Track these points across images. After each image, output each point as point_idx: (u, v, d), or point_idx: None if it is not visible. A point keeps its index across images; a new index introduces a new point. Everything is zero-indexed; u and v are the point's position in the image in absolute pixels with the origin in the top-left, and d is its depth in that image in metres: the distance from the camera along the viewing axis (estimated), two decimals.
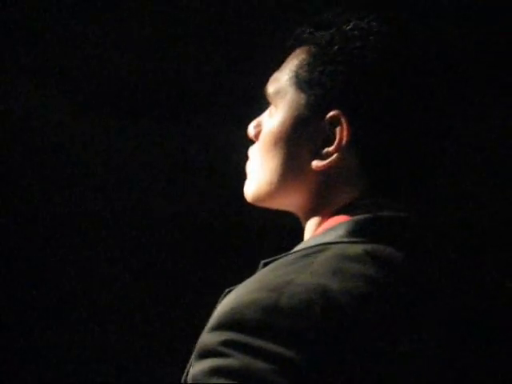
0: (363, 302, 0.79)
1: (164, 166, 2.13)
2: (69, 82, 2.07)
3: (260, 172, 0.99)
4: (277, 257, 0.87)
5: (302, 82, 0.96)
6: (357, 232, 0.88)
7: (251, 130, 1.03)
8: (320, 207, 0.96)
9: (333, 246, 0.86)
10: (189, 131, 2.11)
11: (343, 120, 0.92)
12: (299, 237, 0.98)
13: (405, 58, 0.94)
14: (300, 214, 1.00)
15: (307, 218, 0.98)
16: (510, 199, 2.05)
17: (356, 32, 0.94)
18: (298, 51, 0.99)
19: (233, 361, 0.71)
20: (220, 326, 0.74)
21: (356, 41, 0.93)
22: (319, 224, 0.96)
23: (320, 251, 0.85)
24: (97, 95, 2.07)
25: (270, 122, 0.99)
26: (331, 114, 0.92)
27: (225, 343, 0.72)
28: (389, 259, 0.85)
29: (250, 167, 1.02)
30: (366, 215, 0.89)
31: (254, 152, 1.02)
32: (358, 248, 0.85)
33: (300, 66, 0.97)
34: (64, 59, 2.03)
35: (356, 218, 0.90)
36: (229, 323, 0.74)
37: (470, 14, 1.93)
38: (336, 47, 0.94)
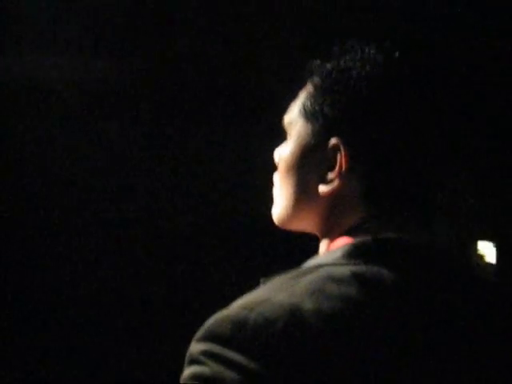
0: (334, 322, 0.82)
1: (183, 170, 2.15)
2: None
3: (279, 198, 1.07)
4: (274, 275, 0.93)
5: (307, 113, 1.02)
6: (353, 254, 0.91)
7: (276, 157, 1.10)
8: (329, 230, 1.01)
9: (325, 267, 0.90)
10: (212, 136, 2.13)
11: (342, 147, 0.97)
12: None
13: (397, 85, 0.97)
14: (318, 236, 1.05)
15: (321, 240, 1.04)
16: None
17: (352, 63, 0.99)
18: (308, 83, 1.05)
19: (207, 369, 0.80)
20: (202, 337, 0.82)
21: (351, 71, 0.98)
22: (328, 246, 1.01)
23: (310, 272, 0.89)
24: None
25: (284, 151, 1.06)
26: (332, 142, 0.98)
27: (203, 353, 0.81)
28: (378, 281, 0.87)
29: (275, 193, 1.09)
30: (366, 238, 0.93)
31: (275, 179, 1.09)
32: (347, 269, 0.88)
33: (307, 98, 1.03)
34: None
35: (356, 240, 0.93)
36: (208, 334, 0.82)
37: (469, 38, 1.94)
38: (334, 78, 0.99)
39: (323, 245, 1.02)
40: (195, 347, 0.82)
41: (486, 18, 1.86)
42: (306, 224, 1.04)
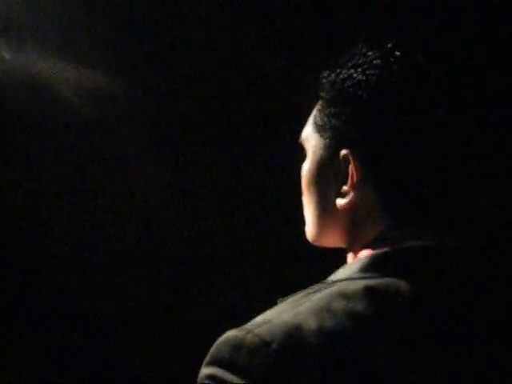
0: (337, 340, 0.80)
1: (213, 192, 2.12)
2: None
3: (306, 216, 1.05)
4: (291, 295, 0.91)
5: (319, 127, 1.01)
6: (370, 267, 0.89)
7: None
8: (353, 243, 0.98)
9: (339, 283, 0.88)
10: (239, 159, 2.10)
11: (351, 158, 0.94)
12: None
13: (398, 86, 0.93)
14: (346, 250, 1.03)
15: (347, 254, 1.01)
16: None
17: (353, 70, 0.96)
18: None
19: None
20: (208, 361, 0.83)
21: (352, 78, 0.95)
22: (353, 259, 0.98)
23: (323, 289, 0.88)
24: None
25: (303, 169, 1.05)
26: (342, 153, 0.95)
27: (208, 377, 0.82)
28: (392, 294, 0.84)
29: (304, 212, 1.08)
30: (386, 249, 0.90)
31: (303, 198, 1.08)
32: (361, 284, 0.86)
33: (317, 112, 1.02)
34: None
35: (375, 252, 0.91)
36: (212, 359, 0.83)
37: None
38: (336, 88, 0.97)
39: (349, 259, 1.00)
40: (203, 372, 0.83)
41: (496, 16, 1.80)
42: (333, 239, 1.02)
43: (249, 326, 0.83)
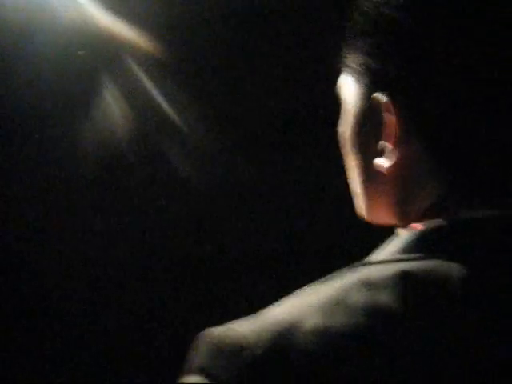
0: (346, 342, 0.61)
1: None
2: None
3: (351, 186, 0.85)
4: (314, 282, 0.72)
5: (353, 71, 0.78)
6: (413, 246, 0.68)
7: None
8: (403, 217, 0.77)
9: (368, 266, 0.68)
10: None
11: (391, 105, 0.72)
12: None
13: (445, 6, 0.70)
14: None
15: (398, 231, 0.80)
16: None
17: None
18: None
19: None
20: (187, 368, 0.66)
21: (387, 4, 0.73)
22: None
23: (346, 274, 0.68)
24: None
25: (339, 126, 0.84)
26: (378, 100, 0.73)
27: None
28: (437, 281, 0.64)
29: None
30: (438, 221, 0.69)
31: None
32: (395, 268, 0.65)
33: (351, 53, 0.79)
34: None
35: (426, 226, 0.69)
36: (192, 364, 0.65)
37: None
38: (370, 19, 0.75)
39: None
40: (180, 381, 0.66)
41: None
42: (384, 213, 0.80)
43: (235, 322, 0.66)
